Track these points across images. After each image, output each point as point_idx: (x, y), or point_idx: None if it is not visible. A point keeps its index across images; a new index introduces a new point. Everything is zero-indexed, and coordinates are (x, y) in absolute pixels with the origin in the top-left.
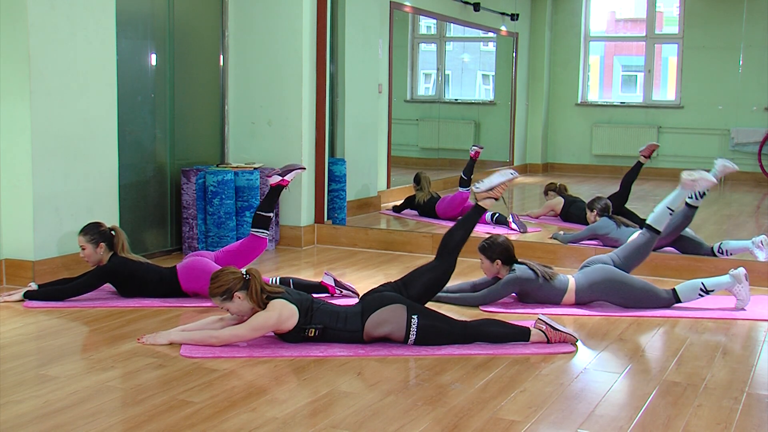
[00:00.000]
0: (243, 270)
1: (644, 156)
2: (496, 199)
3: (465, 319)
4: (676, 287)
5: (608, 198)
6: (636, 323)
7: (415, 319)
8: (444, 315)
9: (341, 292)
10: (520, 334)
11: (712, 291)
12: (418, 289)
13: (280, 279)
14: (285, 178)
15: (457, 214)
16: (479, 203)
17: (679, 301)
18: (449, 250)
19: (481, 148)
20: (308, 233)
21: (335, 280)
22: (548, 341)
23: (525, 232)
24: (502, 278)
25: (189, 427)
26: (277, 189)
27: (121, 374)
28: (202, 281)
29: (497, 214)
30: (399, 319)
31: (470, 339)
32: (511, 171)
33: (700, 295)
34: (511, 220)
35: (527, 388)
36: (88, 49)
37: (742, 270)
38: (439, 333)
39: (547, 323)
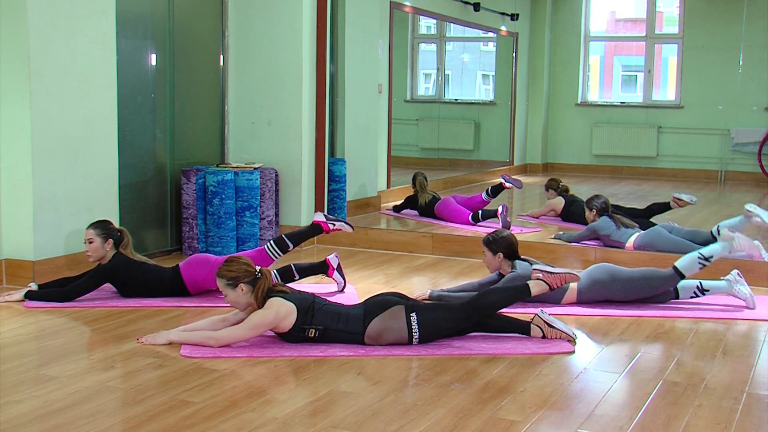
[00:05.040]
0: (258, 267)
1: (678, 205)
2: (551, 288)
3: (462, 300)
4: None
5: (629, 209)
6: (636, 323)
7: (414, 317)
8: (441, 303)
9: (334, 225)
10: (521, 326)
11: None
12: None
13: (279, 271)
14: (329, 223)
15: (457, 221)
16: (529, 282)
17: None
18: (478, 308)
19: (520, 187)
20: None
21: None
22: (544, 337)
23: (508, 228)
24: (505, 275)
25: (189, 427)
26: (316, 229)
27: (121, 374)
28: (204, 271)
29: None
30: (399, 323)
31: (474, 315)
32: (577, 273)
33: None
34: (500, 210)
35: (527, 388)
36: (88, 49)
37: (734, 271)
38: (441, 320)
39: (544, 321)
